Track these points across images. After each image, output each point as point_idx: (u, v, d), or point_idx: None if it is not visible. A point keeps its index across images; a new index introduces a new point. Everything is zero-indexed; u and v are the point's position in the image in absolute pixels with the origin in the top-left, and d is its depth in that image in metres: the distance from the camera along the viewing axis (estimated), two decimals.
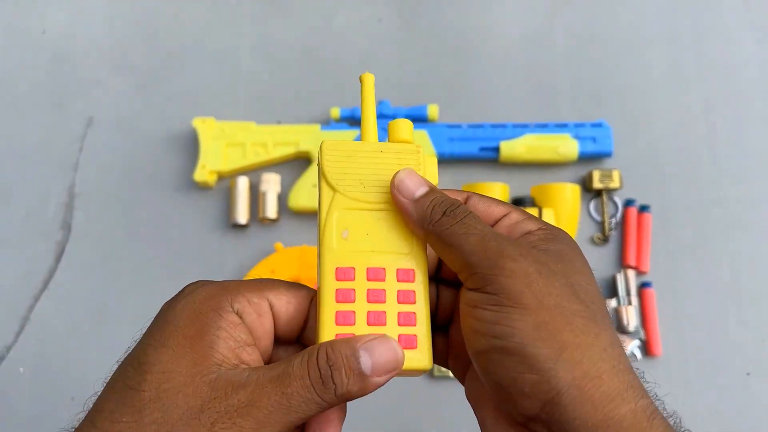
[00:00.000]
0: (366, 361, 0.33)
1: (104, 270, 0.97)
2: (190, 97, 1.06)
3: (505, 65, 1.06)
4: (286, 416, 0.31)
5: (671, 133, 1.01)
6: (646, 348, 0.91)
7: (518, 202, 0.92)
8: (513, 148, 0.97)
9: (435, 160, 0.43)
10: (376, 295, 0.36)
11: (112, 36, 1.10)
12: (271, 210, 0.97)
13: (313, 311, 0.36)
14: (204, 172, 0.98)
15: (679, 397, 0.89)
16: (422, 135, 0.98)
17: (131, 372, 0.32)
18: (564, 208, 0.92)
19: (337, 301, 0.36)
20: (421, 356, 0.37)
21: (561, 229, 0.37)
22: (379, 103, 1.00)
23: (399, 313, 0.36)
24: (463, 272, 0.34)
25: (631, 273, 0.93)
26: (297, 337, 0.38)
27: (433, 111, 1.00)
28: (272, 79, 1.06)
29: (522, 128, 0.98)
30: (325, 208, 0.39)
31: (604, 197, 0.97)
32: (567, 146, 0.97)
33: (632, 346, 0.89)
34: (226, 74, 1.07)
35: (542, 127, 0.99)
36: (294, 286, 0.37)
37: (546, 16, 1.08)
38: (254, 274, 0.93)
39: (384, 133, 0.47)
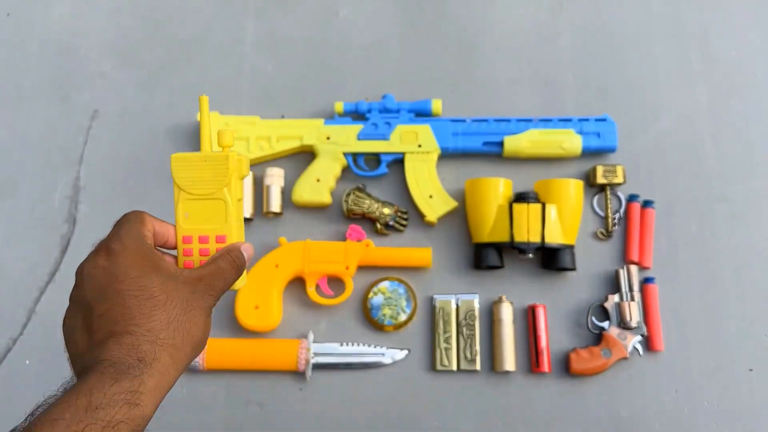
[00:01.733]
0: (245, 254, 0.58)
1: None
2: (194, 90, 1.06)
3: (509, 59, 1.06)
4: (224, 284, 0.56)
5: (676, 128, 1.01)
6: (648, 344, 0.91)
7: (522, 197, 0.92)
8: (517, 142, 0.97)
9: (248, 159, 0.61)
10: (204, 252, 0.58)
11: (117, 29, 1.10)
12: (275, 204, 0.97)
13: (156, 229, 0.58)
14: None
15: (681, 393, 0.90)
16: (425, 129, 0.98)
17: (137, 292, 0.52)
18: (567, 203, 0.92)
19: (184, 255, 0.58)
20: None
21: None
22: (383, 97, 1.00)
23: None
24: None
25: (633, 269, 0.93)
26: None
27: (437, 105, 0.99)
28: (276, 73, 1.07)
29: (526, 123, 0.98)
30: (175, 199, 0.59)
31: (608, 192, 0.97)
32: (571, 141, 0.97)
33: (634, 341, 0.90)
34: (230, 68, 1.07)
35: (546, 121, 0.98)
36: (148, 216, 0.57)
37: (551, 10, 1.08)
38: (260, 267, 0.94)
39: (388, 127, 0.88)
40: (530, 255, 0.91)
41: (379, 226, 0.97)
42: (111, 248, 0.53)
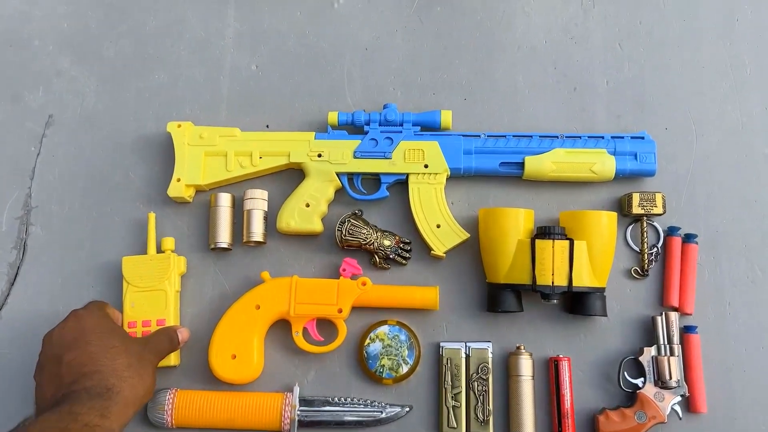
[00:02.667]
0: (180, 336, 0.77)
1: (64, 296, 0.84)
2: (165, 94, 0.91)
3: (532, 63, 0.91)
4: (162, 353, 0.74)
5: (725, 148, 0.87)
6: (689, 405, 0.78)
7: (546, 232, 0.78)
8: (540, 164, 0.83)
9: (184, 259, 0.83)
10: (146, 333, 0.78)
11: (75, 18, 0.95)
12: (257, 232, 0.84)
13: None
14: (179, 186, 0.84)
15: None
16: (433, 146, 0.84)
17: (102, 342, 0.68)
18: (599, 239, 0.78)
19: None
20: (167, 358, 0.79)
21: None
22: (384, 108, 0.86)
23: None
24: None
25: (673, 315, 0.80)
26: None
27: (446, 118, 0.85)
28: (261, 74, 0.92)
29: (551, 140, 0.84)
30: (124, 291, 0.80)
31: (644, 224, 0.83)
32: (603, 163, 0.83)
33: (673, 402, 0.77)
34: (207, 67, 0.92)
35: (574, 139, 0.84)
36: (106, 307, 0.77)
37: (581, 6, 0.93)
38: (238, 308, 0.80)
39: (389, 144, 0.85)
40: (555, 301, 0.78)
41: (377, 259, 0.83)
42: (78, 314, 0.71)
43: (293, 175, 0.87)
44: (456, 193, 0.86)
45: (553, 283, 0.77)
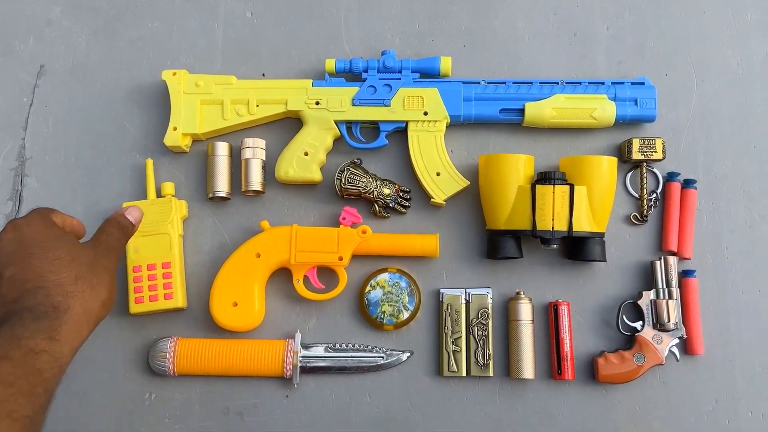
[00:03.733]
0: (130, 218, 0.69)
1: None
2: (159, 42, 0.90)
3: (531, 10, 0.90)
4: (116, 248, 0.65)
5: (726, 93, 0.86)
6: (686, 347, 0.79)
7: (546, 177, 0.78)
8: (540, 110, 0.82)
9: (185, 203, 0.84)
10: (152, 277, 0.79)
11: None
12: (255, 181, 0.83)
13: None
14: (176, 135, 0.83)
15: (722, 402, 0.79)
16: (433, 93, 0.83)
17: (44, 254, 0.58)
18: (599, 184, 0.78)
19: (134, 282, 0.79)
20: (176, 299, 0.80)
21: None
22: (383, 54, 0.85)
23: (164, 283, 0.80)
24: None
25: (672, 260, 0.80)
26: None
27: (446, 64, 0.84)
28: (256, 22, 0.90)
29: (551, 87, 0.83)
30: None
31: (644, 170, 0.83)
32: (603, 109, 0.82)
33: (670, 345, 0.78)
34: (201, 14, 0.91)
35: (575, 85, 0.84)
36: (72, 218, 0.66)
37: None
38: (238, 256, 0.80)
39: (388, 91, 0.84)
40: (555, 246, 0.78)
41: (377, 208, 0.83)
42: (16, 223, 0.60)
43: (291, 123, 0.86)
44: (456, 141, 0.86)
45: (553, 228, 0.77)
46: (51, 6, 0.92)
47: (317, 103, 0.84)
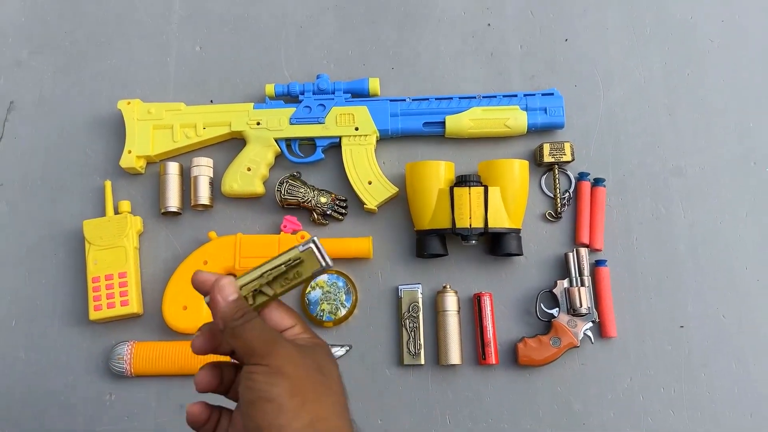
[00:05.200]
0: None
1: (30, 265, 0.92)
2: (116, 77, 0.99)
3: (452, 32, 0.99)
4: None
5: (628, 100, 0.95)
6: (600, 330, 0.86)
7: (463, 180, 0.86)
8: (459, 122, 0.91)
9: (140, 219, 0.91)
10: (110, 286, 0.85)
11: (31, 12, 1.03)
12: (203, 196, 0.91)
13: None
14: (131, 158, 0.92)
15: (635, 380, 0.85)
16: (362, 111, 0.92)
17: None
18: (512, 185, 0.86)
19: (93, 291, 0.85)
20: (132, 306, 0.86)
21: (322, 339, 0.53)
22: (318, 77, 0.94)
23: (120, 291, 0.86)
24: (246, 355, 0.47)
25: (583, 251, 0.88)
26: None
27: (374, 84, 0.93)
28: (204, 54, 1.00)
29: (469, 101, 0.92)
30: (87, 251, 0.87)
31: (556, 171, 0.91)
32: (516, 118, 0.91)
33: (584, 328, 0.85)
34: (155, 50, 1.00)
35: (490, 98, 0.92)
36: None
37: None
38: (187, 265, 0.88)
39: (322, 110, 0.93)
40: (473, 241, 0.86)
41: (316, 216, 0.91)
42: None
43: (236, 143, 0.94)
44: (387, 153, 0.94)
45: (470, 225, 0.85)
46: (20, 49, 1.01)
47: (258, 124, 0.92)
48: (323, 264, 0.50)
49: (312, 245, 0.50)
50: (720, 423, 0.84)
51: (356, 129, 0.92)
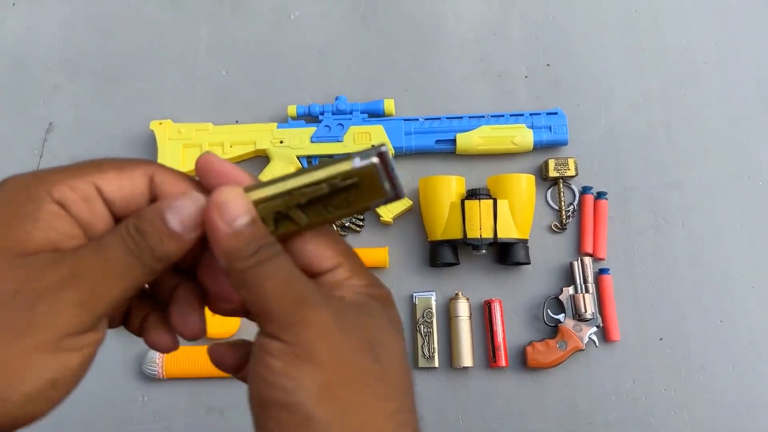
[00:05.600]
0: (173, 220, 0.31)
1: None
2: (148, 99, 1.06)
3: (461, 56, 1.06)
4: (112, 282, 0.31)
5: (628, 119, 1.01)
6: (604, 335, 0.92)
7: (473, 194, 0.92)
8: (469, 139, 0.97)
9: None
10: None
11: (70, 40, 1.10)
12: None
13: (157, 190, 0.34)
14: None
15: (638, 382, 0.90)
16: (378, 130, 0.98)
17: None
18: (519, 198, 0.92)
19: None
20: None
21: (385, 288, 0.36)
22: (336, 99, 1.00)
23: None
24: (260, 316, 0.32)
25: (587, 260, 0.93)
26: None
27: (389, 105, 1.00)
28: (230, 78, 1.07)
29: (478, 119, 0.98)
30: None
31: (561, 186, 0.97)
32: (522, 136, 0.97)
33: (589, 333, 0.90)
34: (183, 74, 1.07)
35: (498, 117, 0.99)
36: (126, 165, 0.33)
37: (501, 5, 1.08)
38: None
39: (341, 129, 0.97)
40: (483, 251, 0.92)
41: (335, 227, 0.97)
42: None
43: (260, 161, 1.01)
44: (401, 168, 1.00)
45: (481, 236, 0.91)
46: (58, 74, 1.09)
47: (281, 142, 0.99)
48: (389, 192, 0.34)
49: (375, 159, 0.33)
50: (719, 423, 0.89)
51: (373, 146, 0.98)
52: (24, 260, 0.29)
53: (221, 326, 0.92)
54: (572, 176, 0.96)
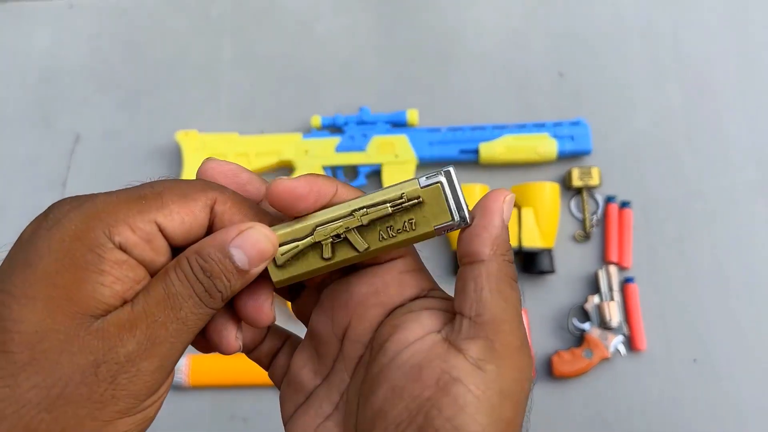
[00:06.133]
0: (241, 258, 0.31)
1: None
2: (174, 110, 1.08)
3: (483, 67, 1.07)
4: (185, 337, 0.31)
5: (650, 128, 1.01)
6: (630, 343, 0.91)
7: None
8: (492, 149, 0.98)
9: None
10: None
11: (97, 54, 1.12)
12: None
13: (216, 218, 0.33)
14: None
15: (665, 391, 0.90)
16: (402, 140, 0.99)
17: None
18: (543, 206, 0.92)
19: None
20: None
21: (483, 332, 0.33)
22: (360, 110, 1.01)
23: None
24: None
25: (613, 269, 0.93)
26: None
27: (412, 116, 1.01)
28: (254, 90, 1.08)
29: (501, 129, 0.99)
30: None
31: (585, 194, 0.97)
32: (545, 145, 0.98)
33: (615, 341, 0.90)
34: (208, 86, 1.09)
35: (521, 127, 0.99)
36: (188, 194, 0.32)
37: (523, 17, 1.09)
38: None
39: (364, 139, 0.97)
40: None
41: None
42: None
43: (285, 171, 1.02)
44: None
45: None
46: (86, 88, 1.10)
47: (306, 152, 1.00)
48: (454, 214, 0.33)
49: (442, 179, 0.33)
50: None
51: (396, 156, 0.99)
52: (99, 325, 0.29)
53: None
54: (596, 185, 0.96)
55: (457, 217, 0.33)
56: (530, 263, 0.92)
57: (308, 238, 0.32)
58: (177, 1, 1.14)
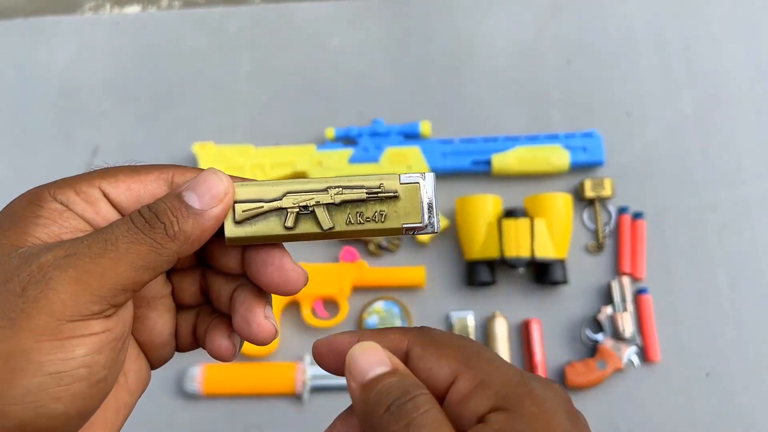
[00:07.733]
0: (191, 196, 0.30)
1: None
2: (191, 123, 1.09)
3: (495, 79, 1.08)
4: (116, 262, 0.28)
5: (663, 140, 1.02)
6: (643, 354, 0.91)
7: (510, 213, 0.93)
8: (504, 160, 0.99)
9: None
10: None
11: (116, 68, 1.14)
12: None
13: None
14: None
15: (678, 403, 0.89)
16: (415, 151, 1.00)
17: None
18: (556, 217, 0.93)
19: None
20: None
21: (526, 385, 0.29)
22: (373, 122, 1.03)
23: None
24: None
25: (626, 280, 0.93)
26: None
27: (425, 127, 1.02)
28: (269, 103, 1.10)
29: (513, 141, 1.00)
30: None
31: (597, 206, 0.98)
32: (558, 157, 0.98)
33: (629, 352, 0.89)
34: (225, 100, 1.10)
35: (533, 139, 1.00)
36: (140, 169, 0.33)
37: (535, 29, 1.10)
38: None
39: (378, 150, 0.97)
40: (521, 270, 0.92)
41: (373, 246, 0.98)
42: None
43: None
44: (437, 188, 1.01)
45: (518, 254, 0.91)
46: (105, 101, 1.13)
47: (320, 164, 1.01)
48: (424, 219, 0.33)
49: (422, 180, 0.34)
50: None
51: (409, 167, 1.00)
52: (24, 250, 0.28)
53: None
54: (608, 197, 0.97)
55: (426, 221, 0.33)
56: (543, 274, 0.93)
57: (275, 202, 0.32)
58: (196, 16, 1.16)
